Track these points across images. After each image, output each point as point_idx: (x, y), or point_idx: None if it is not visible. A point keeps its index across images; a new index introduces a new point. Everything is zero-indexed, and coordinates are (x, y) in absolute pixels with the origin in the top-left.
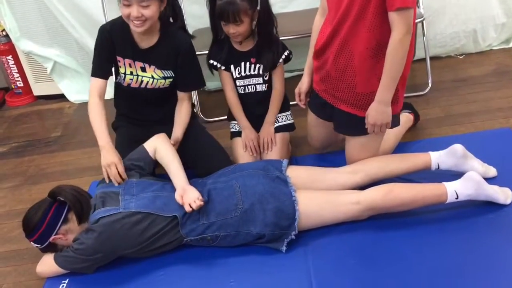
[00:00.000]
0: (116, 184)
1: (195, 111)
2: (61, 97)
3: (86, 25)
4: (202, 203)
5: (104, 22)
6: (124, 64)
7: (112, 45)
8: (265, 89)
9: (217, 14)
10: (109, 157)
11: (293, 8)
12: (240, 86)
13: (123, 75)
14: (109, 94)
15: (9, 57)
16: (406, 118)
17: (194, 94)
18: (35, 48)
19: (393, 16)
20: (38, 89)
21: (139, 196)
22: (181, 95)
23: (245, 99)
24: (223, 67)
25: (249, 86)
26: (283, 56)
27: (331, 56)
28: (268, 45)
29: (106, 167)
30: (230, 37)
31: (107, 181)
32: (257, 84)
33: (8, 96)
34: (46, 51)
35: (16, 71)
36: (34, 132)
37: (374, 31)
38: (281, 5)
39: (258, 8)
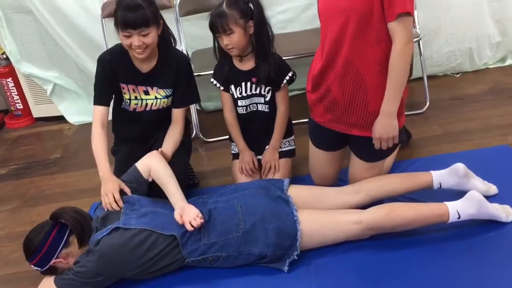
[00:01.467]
0: (113, 210)
1: (190, 127)
2: (60, 118)
3: (86, 47)
4: (202, 220)
5: (104, 44)
6: (128, 90)
7: (114, 73)
8: (267, 110)
9: (210, 28)
10: (107, 186)
11: (291, 29)
12: (241, 106)
13: (128, 100)
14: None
15: (9, 79)
16: None
17: (194, 114)
18: (35, 70)
19: (393, 26)
20: (38, 111)
21: (140, 211)
22: (175, 114)
23: (247, 119)
24: (222, 87)
25: (250, 106)
26: (287, 77)
27: (335, 81)
28: (263, 57)
29: (104, 195)
30: (231, 56)
31: (105, 209)
32: (259, 103)
33: (7, 118)
34: (46, 74)
35: (16, 93)
36: (34, 154)
37: (381, 45)
38: (280, 26)
39: (253, 20)
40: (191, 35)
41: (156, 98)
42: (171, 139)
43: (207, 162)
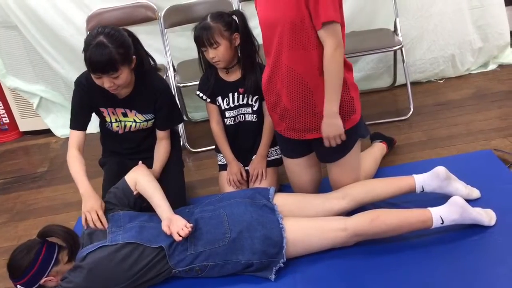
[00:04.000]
0: (96, 228)
1: (181, 142)
2: (47, 132)
3: (71, 60)
4: (190, 229)
5: None
6: (108, 113)
7: (92, 99)
8: (254, 120)
9: (195, 41)
10: (88, 204)
11: None
12: (229, 117)
13: (109, 123)
14: (96, 128)
15: None
16: (380, 146)
17: (180, 125)
18: (21, 84)
19: (321, 34)
20: (24, 125)
21: (126, 227)
22: (160, 134)
23: (234, 130)
24: (208, 100)
25: (238, 117)
26: None
27: (282, 88)
28: (250, 67)
29: (86, 213)
30: (216, 68)
31: (85, 227)
32: (247, 114)
33: None
34: (32, 87)
35: (2, 107)
36: (21, 168)
37: (317, 50)
38: None
39: (238, 32)
40: (177, 46)
41: (135, 121)
42: (159, 158)
43: (194, 172)
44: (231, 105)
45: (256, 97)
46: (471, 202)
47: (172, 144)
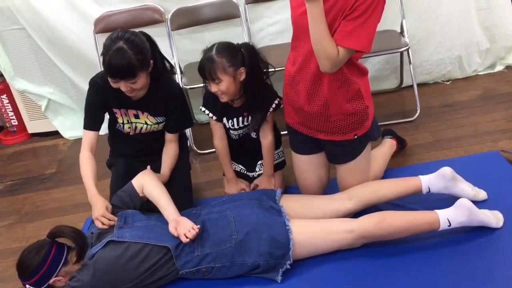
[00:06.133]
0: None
1: (188, 144)
2: (55, 134)
3: (80, 63)
4: (197, 231)
5: (97, 59)
6: (121, 115)
7: (105, 100)
8: (257, 136)
9: (199, 72)
10: (96, 210)
11: (282, 40)
12: (233, 134)
13: (121, 124)
14: (104, 129)
15: (4, 96)
16: (389, 143)
17: None
18: (29, 86)
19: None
20: (33, 127)
21: (133, 225)
22: (169, 137)
23: (239, 143)
24: (214, 117)
25: (242, 134)
26: (273, 105)
27: (303, 90)
28: (254, 105)
29: (96, 220)
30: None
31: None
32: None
33: (2, 134)
34: (40, 89)
35: (11, 109)
36: (29, 169)
37: (344, 66)
38: (271, 38)
39: (245, 66)
40: (183, 48)
41: (146, 123)
42: (167, 161)
43: (201, 174)
44: (236, 126)
45: None
46: (478, 203)
47: (180, 146)
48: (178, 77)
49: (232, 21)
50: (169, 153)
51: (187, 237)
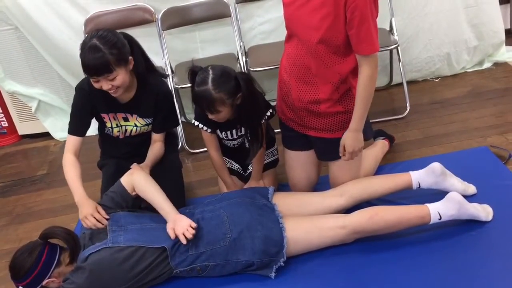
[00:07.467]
0: (97, 228)
1: (179, 145)
2: (46, 135)
3: (69, 63)
4: (194, 231)
5: None
6: (110, 119)
7: (92, 104)
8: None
9: (193, 101)
10: (84, 210)
11: (272, 39)
12: (229, 143)
13: (110, 128)
14: (95, 130)
15: None
16: (381, 144)
17: (179, 126)
18: (19, 88)
19: (360, 58)
20: (23, 128)
21: (127, 228)
22: (155, 136)
23: (234, 148)
24: (209, 130)
25: (237, 144)
26: (266, 117)
27: (295, 88)
28: (249, 119)
29: (84, 219)
30: None
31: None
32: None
33: None
34: (30, 91)
35: (1, 111)
36: (20, 171)
37: (337, 66)
38: (261, 37)
39: (241, 92)
40: (174, 48)
41: (135, 125)
42: (151, 156)
43: (193, 173)
44: (229, 137)
45: None
46: (468, 198)
47: (171, 145)
48: (169, 77)
49: (223, 20)
50: (154, 150)
51: (185, 237)
